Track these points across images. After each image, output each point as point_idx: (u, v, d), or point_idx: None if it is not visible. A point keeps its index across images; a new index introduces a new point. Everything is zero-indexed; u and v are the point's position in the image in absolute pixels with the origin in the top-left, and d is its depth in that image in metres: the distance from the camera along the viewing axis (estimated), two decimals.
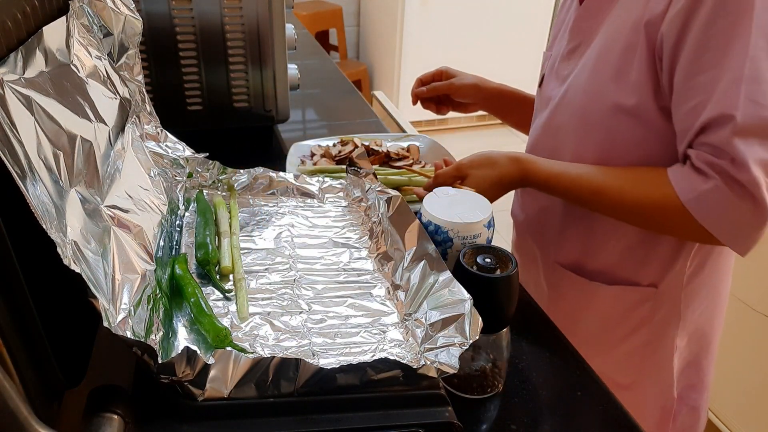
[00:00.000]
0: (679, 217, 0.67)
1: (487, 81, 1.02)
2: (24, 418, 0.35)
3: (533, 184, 0.76)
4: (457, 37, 3.23)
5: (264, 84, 0.99)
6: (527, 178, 0.75)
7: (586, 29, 0.80)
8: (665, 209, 0.69)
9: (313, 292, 0.62)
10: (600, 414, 0.59)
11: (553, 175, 0.75)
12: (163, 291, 0.56)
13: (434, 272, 0.58)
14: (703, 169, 0.65)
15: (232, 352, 0.44)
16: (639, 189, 0.71)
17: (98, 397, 0.42)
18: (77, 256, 0.42)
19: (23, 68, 0.44)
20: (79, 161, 0.48)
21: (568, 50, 0.83)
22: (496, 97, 1.02)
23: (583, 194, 0.74)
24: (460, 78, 1.01)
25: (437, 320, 0.53)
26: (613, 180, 0.72)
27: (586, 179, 0.73)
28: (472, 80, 1.01)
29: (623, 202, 0.72)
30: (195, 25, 0.91)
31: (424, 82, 1.03)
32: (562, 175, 0.74)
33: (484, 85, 1.01)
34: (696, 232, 0.67)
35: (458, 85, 1.00)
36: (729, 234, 0.66)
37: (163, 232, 0.61)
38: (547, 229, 0.89)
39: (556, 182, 0.74)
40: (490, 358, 0.59)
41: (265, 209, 0.76)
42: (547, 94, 0.86)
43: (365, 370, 0.46)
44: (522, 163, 0.75)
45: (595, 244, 0.83)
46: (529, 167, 0.75)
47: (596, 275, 0.84)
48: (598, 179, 0.73)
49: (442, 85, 1.01)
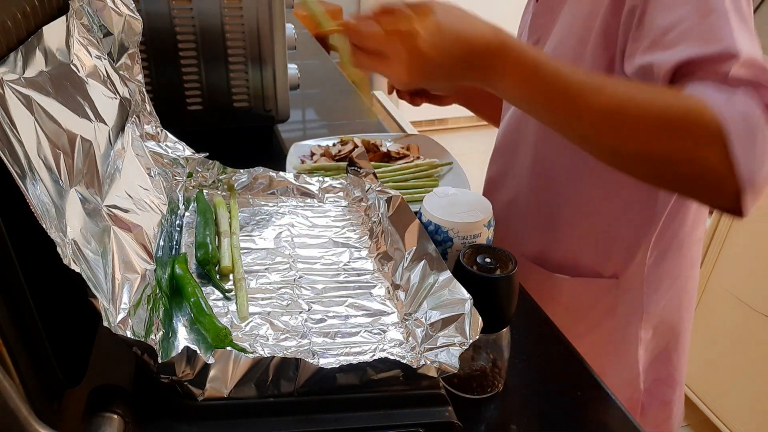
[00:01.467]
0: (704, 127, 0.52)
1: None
2: (24, 417, 0.35)
3: (508, 64, 0.55)
4: None
5: (264, 84, 0.99)
6: (505, 52, 0.55)
7: (543, 26, 0.79)
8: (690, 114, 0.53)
9: (313, 292, 0.62)
10: (600, 414, 0.59)
11: (541, 59, 0.55)
12: (163, 291, 0.56)
13: (434, 272, 0.58)
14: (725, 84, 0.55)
15: (232, 351, 0.44)
16: (652, 92, 0.56)
17: (98, 396, 0.42)
18: (77, 255, 0.42)
19: (23, 68, 0.44)
20: (79, 161, 0.48)
21: None
22: (469, 91, 1.01)
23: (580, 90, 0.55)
24: None
25: (437, 320, 0.53)
26: (619, 83, 0.56)
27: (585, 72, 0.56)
28: None
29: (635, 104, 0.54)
30: (195, 25, 0.91)
31: None
32: (552, 61, 0.56)
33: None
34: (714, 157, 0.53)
35: None
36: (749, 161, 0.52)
37: (163, 231, 0.61)
38: (512, 221, 0.88)
39: (545, 67, 0.55)
40: (490, 358, 0.59)
41: (265, 209, 0.76)
42: None
43: (365, 370, 0.46)
44: (502, 32, 0.56)
45: (557, 235, 0.83)
46: (512, 40, 0.56)
47: (559, 267, 0.84)
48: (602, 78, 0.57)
49: None
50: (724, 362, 1.61)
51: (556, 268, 0.84)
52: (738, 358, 1.57)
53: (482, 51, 0.55)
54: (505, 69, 0.55)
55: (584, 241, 0.82)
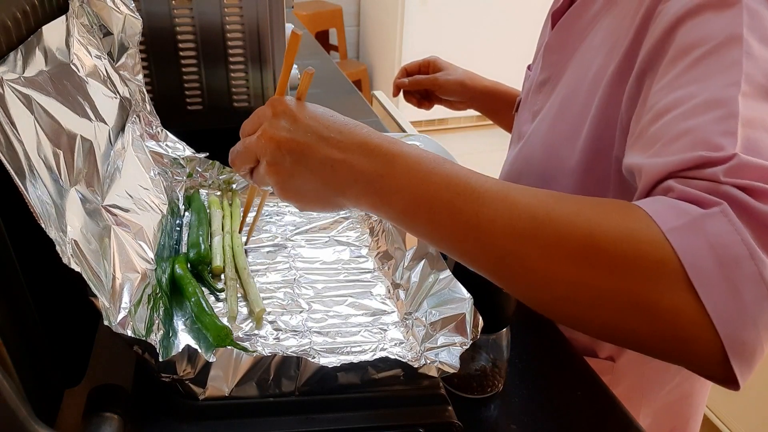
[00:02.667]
0: (657, 254, 0.37)
1: (476, 78, 0.95)
2: (23, 417, 0.35)
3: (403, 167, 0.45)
4: (457, 37, 3.23)
5: (264, 84, 0.99)
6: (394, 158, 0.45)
7: (555, 63, 0.69)
8: (631, 252, 0.37)
9: (313, 291, 0.62)
10: (600, 414, 0.59)
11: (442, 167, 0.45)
12: (163, 290, 0.56)
13: (435, 271, 0.58)
14: (696, 198, 0.39)
15: (233, 350, 0.44)
16: (598, 216, 0.39)
17: (98, 396, 0.42)
18: (77, 255, 0.42)
19: (23, 67, 0.44)
20: (79, 160, 0.48)
21: (539, 81, 0.73)
22: (483, 97, 0.95)
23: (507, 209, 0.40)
24: (446, 73, 0.94)
25: (437, 319, 0.53)
26: (528, 195, 0.41)
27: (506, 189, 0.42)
28: (459, 77, 0.93)
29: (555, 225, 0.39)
30: (195, 25, 0.91)
31: (409, 72, 0.96)
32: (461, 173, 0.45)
33: (472, 83, 0.93)
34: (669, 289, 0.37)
35: (442, 81, 0.93)
36: (725, 303, 0.36)
37: (163, 231, 0.61)
38: None
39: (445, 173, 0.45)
40: (491, 357, 0.59)
41: (264, 209, 0.76)
42: (520, 127, 0.76)
43: (366, 369, 0.46)
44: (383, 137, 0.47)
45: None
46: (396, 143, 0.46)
47: None
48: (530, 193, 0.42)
49: (425, 80, 0.94)
50: None
51: None
52: None
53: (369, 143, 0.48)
54: (396, 173, 0.45)
55: None
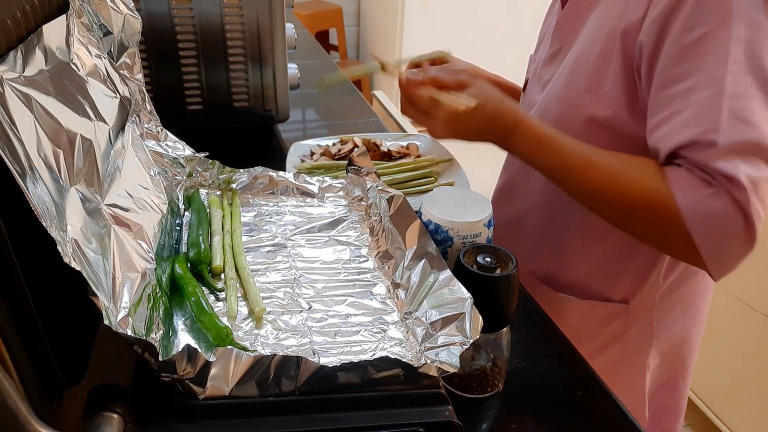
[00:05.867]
0: (667, 217, 0.60)
1: (479, 70, 0.97)
2: (23, 416, 0.35)
3: (521, 136, 0.67)
4: (457, 37, 3.23)
5: (264, 84, 0.99)
6: (520, 128, 0.67)
7: (566, 34, 0.77)
8: (654, 205, 0.61)
9: (313, 291, 0.62)
10: (600, 414, 0.59)
11: (547, 136, 0.67)
12: (163, 290, 0.56)
13: (434, 271, 0.58)
14: (702, 176, 0.59)
15: (233, 350, 0.44)
16: (632, 176, 0.64)
17: (98, 396, 0.42)
18: (77, 254, 0.42)
19: (23, 66, 0.44)
20: (79, 160, 0.48)
21: (549, 54, 0.81)
22: None
23: (572, 165, 0.66)
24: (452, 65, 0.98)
25: (437, 319, 0.53)
26: (608, 158, 0.66)
27: (579, 149, 0.66)
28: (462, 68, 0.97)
29: (612, 185, 0.64)
30: (195, 25, 0.91)
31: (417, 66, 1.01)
32: (556, 139, 0.67)
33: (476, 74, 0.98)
34: (677, 241, 0.61)
35: None
36: (713, 250, 0.59)
37: (164, 231, 0.61)
38: (521, 237, 0.86)
39: (548, 143, 0.67)
40: (491, 357, 0.59)
41: (265, 208, 0.76)
42: (530, 100, 0.84)
43: (366, 369, 0.46)
44: (520, 111, 0.68)
45: (567, 257, 0.81)
46: (525, 116, 0.68)
47: (568, 288, 0.82)
48: (592, 153, 0.66)
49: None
50: (724, 362, 1.61)
51: (564, 288, 0.82)
52: (738, 358, 1.57)
53: (502, 125, 0.68)
54: (518, 141, 0.68)
55: (594, 265, 0.79)
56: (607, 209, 0.67)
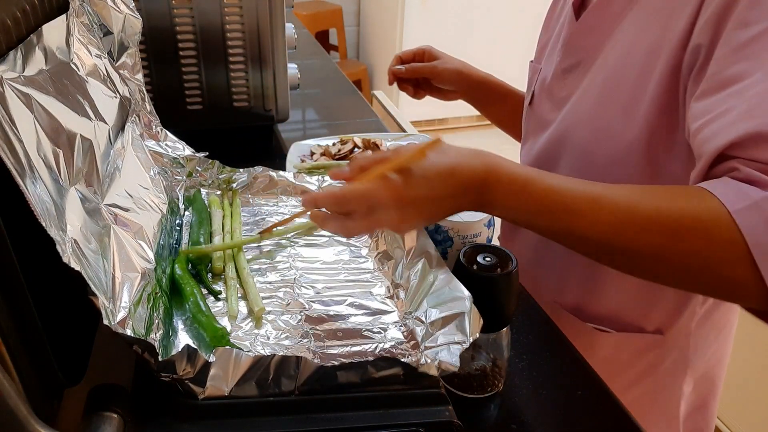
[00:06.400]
0: (725, 234, 0.46)
1: (472, 68, 0.96)
2: (23, 416, 0.35)
3: (502, 189, 0.51)
4: (457, 37, 3.23)
5: (264, 83, 0.99)
6: (493, 179, 0.51)
7: (587, 47, 0.70)
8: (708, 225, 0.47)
9: (313, 291, 0.62)
10: (600, 414, 0.59)
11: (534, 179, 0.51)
12: (163, 289, 0.56)
13: (434, 270, 0.58)
14: (755, 179, 0.47)
15: (232, 350, 0.44)
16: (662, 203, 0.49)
17: (98, 395, 0.42)
18: (77, 254, 0.42)
19: (23, 66, 0.44)
20: (78, 160, 0.48)
21: (563, 68, 0.74)
22: (479, 87, 0.96)
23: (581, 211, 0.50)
24: (443, 62, 0.94)
25: (437, 318, 0.53)
26: (620, 190, 0.51)
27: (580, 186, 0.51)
28: (456, 65, 0.94)
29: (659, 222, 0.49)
30: (195, 25, 0.91)
31: (404, 60, 0.97)
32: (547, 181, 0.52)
33: (469, 72, 0.94)
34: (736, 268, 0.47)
35: (441, 69, 0.94)
36: None
37: (163, 230, 0.61)
38: (545, 265, 0.79)
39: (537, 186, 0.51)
40: (491, 357, 0.59)
41: (265, 208, 0.76)
42: (542, 116, 0.77)
43: (366, 368, 0.46)
44: (489, 158, 0.52)
45: (598, 287, 0.74)
46: (500, 164, 0.52)
47: (598, 319, 0.76)
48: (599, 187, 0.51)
49: (424, 68, 0.94)
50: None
51: (595, 320, 0.76)
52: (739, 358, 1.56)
53: (470, 183, 0.51)
54: (496, 196, 0.52)
55: (628, 294, 0.73)
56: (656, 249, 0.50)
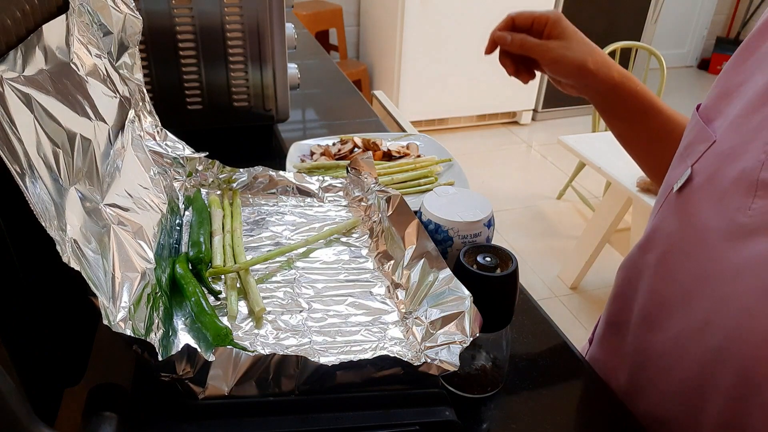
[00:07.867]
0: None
1: (602, 62, 0.70)
2: (23, 416, 0.35)
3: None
4: (457, 37, 3.23)
5: (264, 83, 0.99)
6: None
7: (731, 78, 0.54)
8: None
9: (313, 291, 0.62)
10: (600, 414, 0.59)
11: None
12: (163, 289, 0.56)
13: (434, 270, 0.58)
14: None
15: (232, 349, 0.44)
16: None
17: (98, 395, 0.42)
18: (77, 254, 0.42)
19: (23, 66, 0.44)
20: (78, 159, 0.48)
21: None
22: (607, 92, 0.71)
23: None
24: (565, 46, 0.69)
25: (437, 318, 0.53)
26: None
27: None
28: (579, 57, 0.69)
29: None
30: (195, 25, 0.91)
31: (517, 25, 0.72)
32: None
33: (596, 70, 0.69)
34: None
35: (557, 56, 0.69)
36: None
37: (163, 230, 0.61)
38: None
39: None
40: (491, 357, 0.59)
41: (265, 208, 0.76)
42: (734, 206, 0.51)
43: (366, 368, 0.46)
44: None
45: None
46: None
47: None
48: None
49: (536, 47, 0.70)
50: None
51: None
52: None
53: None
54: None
55: None
56: None
